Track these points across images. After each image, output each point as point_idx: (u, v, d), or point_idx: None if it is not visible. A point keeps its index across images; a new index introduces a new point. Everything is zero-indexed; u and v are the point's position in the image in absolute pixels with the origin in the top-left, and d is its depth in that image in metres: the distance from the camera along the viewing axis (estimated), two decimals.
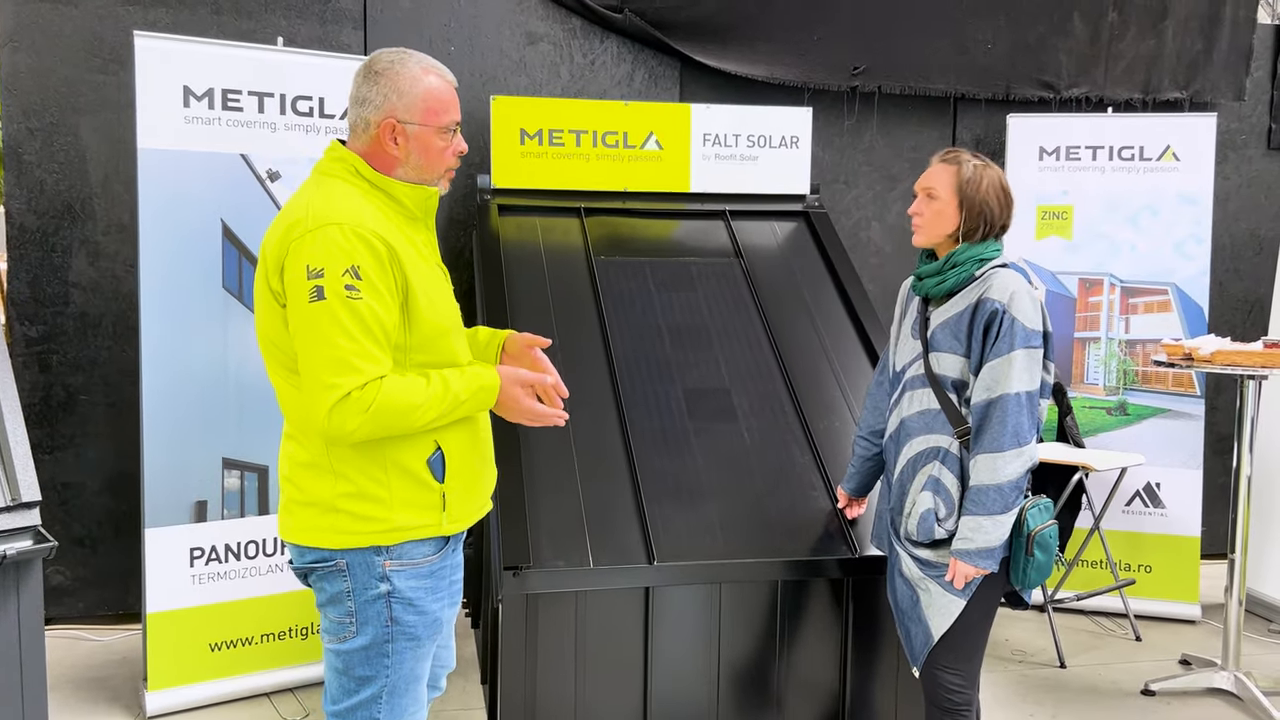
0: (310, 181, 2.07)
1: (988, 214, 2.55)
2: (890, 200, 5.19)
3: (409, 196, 2.07)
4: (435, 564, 2.08)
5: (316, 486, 2.01)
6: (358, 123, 2.06)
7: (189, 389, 3.49)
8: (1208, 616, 4.69)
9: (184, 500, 3.51)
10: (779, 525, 3.09)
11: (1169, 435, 4.68)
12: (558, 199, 4.23)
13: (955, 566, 2.50)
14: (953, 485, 2.54)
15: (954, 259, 2.56)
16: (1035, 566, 2.51)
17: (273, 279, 1.96)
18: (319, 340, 1.89)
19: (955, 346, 2.55)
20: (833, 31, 4.92)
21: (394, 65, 2.04)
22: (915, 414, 2.62)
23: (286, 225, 1.96)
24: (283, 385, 2.05)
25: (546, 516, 2.98)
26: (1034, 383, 2.48)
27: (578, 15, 4.71)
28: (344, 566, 2.02)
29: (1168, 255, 4.72)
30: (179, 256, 3.46)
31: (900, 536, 2.65)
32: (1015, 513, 2.47)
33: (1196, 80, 5.26)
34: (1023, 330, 2.46)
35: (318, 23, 4.39)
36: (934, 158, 2.61)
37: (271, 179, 3.58)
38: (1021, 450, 2.45)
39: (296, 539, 2.06)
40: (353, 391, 1.88)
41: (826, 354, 3.72)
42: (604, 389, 3.44)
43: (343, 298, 1.88)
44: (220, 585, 3.59)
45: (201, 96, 3.45)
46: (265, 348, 2.05)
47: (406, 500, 2.02)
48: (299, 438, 2.04)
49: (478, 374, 2.05)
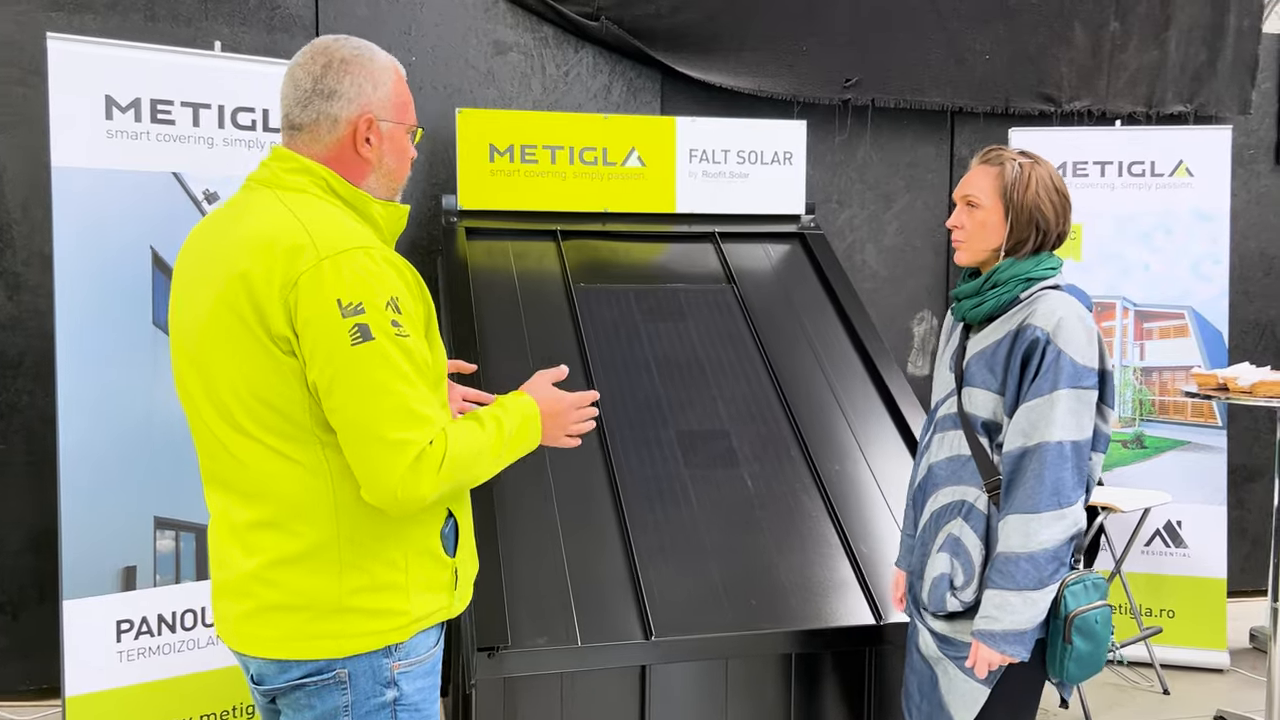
0: (265, 200, 1.70)
1: (1040, 221, 2.15)
2: (885, 220, 4.87)
3: (383, 217, 1.76)
4: (436, 655, 1.77)
5: (316, 585, 1.64)
6: (320, 121, 1.71)
7: (114, 439, 3.07)
8: (1236, 663, 4.37)
9: (109, 566, 3.09)
10: (791, 588, 2.71)
11: (1190, 469, 4.36)
12: (531, 221, 3.86)
13: (976, 650, 2.07)
14: (974, 547, 2.12)
15: (995, 277, 2.16)
16: (1075, 657, 2.06)
17: (273, 321, 1.58)
18: (375, 390, 1.56)
19: (989, 381, 2.14)
20: (823, 42, 4.60)
21: (362, 53, 1.74)
22: (944, 460, 2.23)
23: (285, 252, 1.58)
24: (265, 456, 1.64)
25: (526, 586, 2.59)
26: (1082, 431, 2.06)
27: (550, 23, 4.35)
28: (345, 678, 1.65)
29: (1184, 276, 4.42)
30: (101, 289, 3.05)
31: (918, 606, 2.27)
32: (1053, 590, 2.04)
33: (1201, 93, 5.00)
34: (1070, 366, 2.05)
35: (264, 30, 4.00)
36: (975, 159, 2.23)
37: (208, 200, 3.18)
38: (1063, 513, 2.02)
39: (278, 653, 1.65)
40: (425, 448, 1.58)
41: (832, 389, 3.37)
42: (588, 433, 3.05)
43: (392, 335, 1.58)
44: (152, 662, 3.16)
45: (127, 107, 3.06)
46: (243, 406, 1.64)
47: (423, 583, 1.71)
48: (290, 524, 1.64)
49: (515, 402, 1.79)
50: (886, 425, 3.26)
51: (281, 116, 1.76)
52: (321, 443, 1.63)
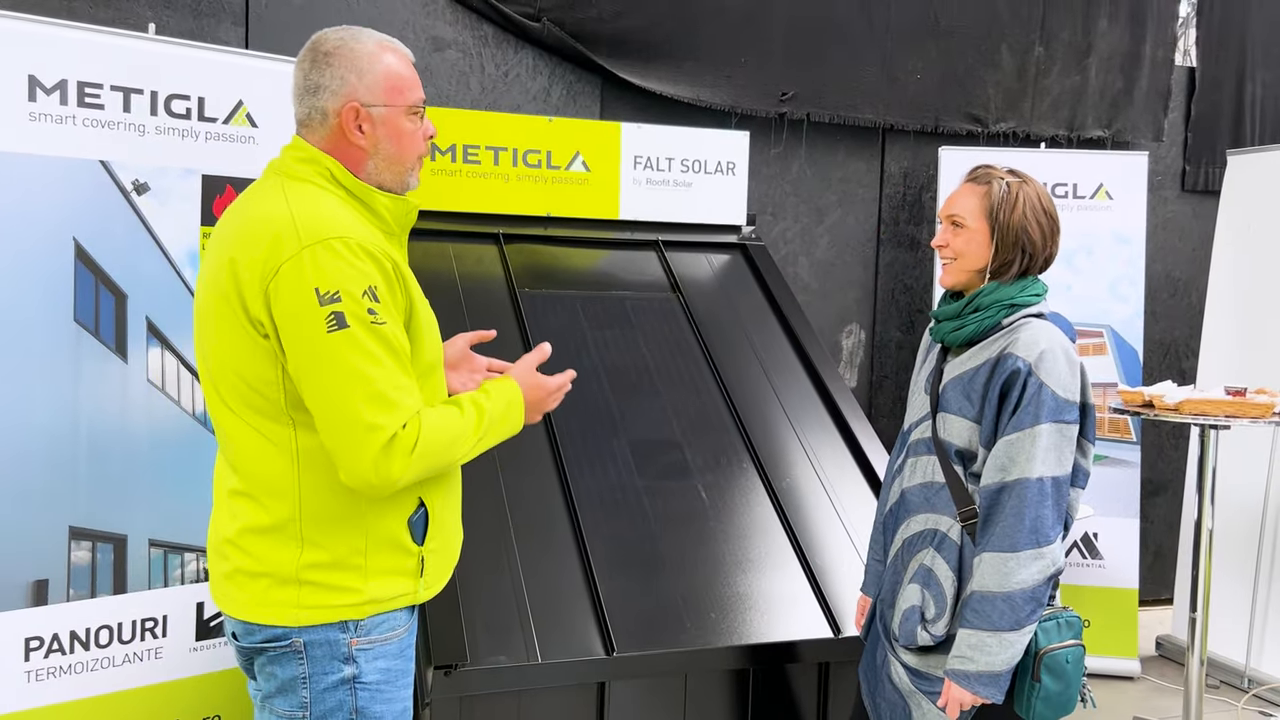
0: (271, 186, 1.76)
1: (1026, 244, 2.09)
2: (818, 234, 4.90)
3: (390, 210, 1.80)
4: (405, 638, 1.82)
5: (277, 555, 1.73)
6: (312, 115, 1.79)
7: (26, 443, 2.86)
8: (1145, 670, 4.52)
9: (18, 579, 2.86)
10: (748, 601, 2.68)
11: (1106, 483, 4.50)
12: (472, 223, 3.75)
13: (949, 690, 2.00)
14: (946, 579, 2.06)
15: (977, 301, 2.10)
16: (1043, 696, 2.00)
17: (251, 304, 1.67)
18: (348, 375, 1.62)
19: (966, 408, 2.08)
20: (761, 54, 4.61)
21: (346, 43, 1.77)
22: (917, 486, 2.17)
23: (269, 240, 1.66)
24: (244, 431, 1.74)
25: (482, 602, 2.50)
26: (1062, 466, 2.00)
27: (490, 22, 4.26)
28: (300, 647, 1.73)
29: (1102, 296, 4.57)
30: (18, 282, 2.83)
31: (888, 636, 2.21)
32: (1030, 630, 1.97)
33: (1118, 119, 5.19)
34: (1052, 399, 1.98)
35: (190, 15, 3.81)
36: (964, 177, 2.18)
37: (138, 191, 2.99)
38: (1041, 551, 1.96)
39: (244, 614, 1.76)
40: (398, 432, 1.64)
41: (780, 399, 3.35)
42: (539, 443, 2.97)
43: (367, 323, 1.64)
44: (64, 682, 2.95)
45: (52, 89, 2.86)
46: (228, 382, 1.74)
47: (384, 568, 1.77)
48: (262, 497, 1.74)
49: (499, 387, 1.86)
50: (834, 436, 3.26)
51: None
52: (293, 423, 1.70)
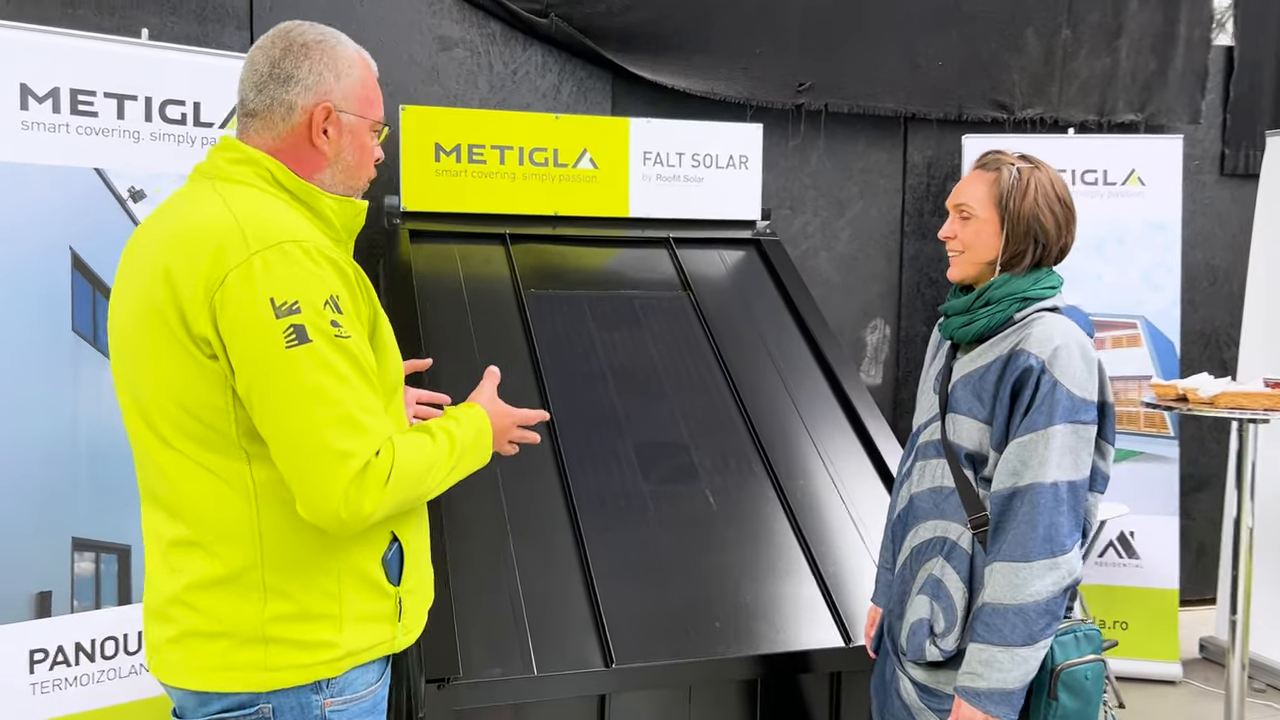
0: (202, 191, 1.57)
1: (1038, 233, 1.96)
2: (839, 228, 4.79)
3: (336, 213, 1.62)
4: (379, 693, 1.62)
5: (237, 611, 1.50)
6: (274, 107, 1.60)
7: (28, 454, 2.85)
8: (1188, 674, 4.35)
9: (21, 591, 2.85)
10: (755, 610, 2.59)
11: (1143, 480, 4.34)
12: (479, 224, 3.69)
13: (959, 709, 1.87)
14: (956, 590, 1.93)
15: (987, 294, 1.97)
16: (1060, 715, 1.86)
17: (194, 321, 1.45)
18: (311, 397, 1.42)
19: (976, 409, 1.95)
20: (776, 45, 4.50)
21: (327, 40, 1.63)
22: (926, 491, 2.04)
23: (212, 247, 1.46)
24: (186, 469, 1.51)
25: (477, 612, 2.43)
26: (1080, 470, 1.87)
27: (497, 19, 4.19)
28: (268, 713, 1.52)
29: (1135, 286, 4.41)
30: (15, 293, 2.83)
31: (896, 651, 2.08)
32: (1045, 646, 1.84)
33: (1152, 102, 5.01)
34: (1067, 398, 1.85)
35: (194, 20, 3.79)
36: (974, 164, 2.05)
37: (134, 199, 2.97)
38: (1056, 561, 1.82)
39: (199, 683, 1.52)
40: (370, 460, 1.44)
41: (794, 401, 3.25)
42: (541, 447, 2.90)
43: (331, 337, 1.45)
44: (69, 694, 2.93)
45: (45, 97, 2.84)
46: (164, 413, 1.51)
47: (359, 614, 1.55)
48: (213, 545, 1.51)
49: (468, 415, 1.67)
50: (850, 439, 3.16)
51: (237, 102, 1.64)
52: (247, 456, 1.50)
